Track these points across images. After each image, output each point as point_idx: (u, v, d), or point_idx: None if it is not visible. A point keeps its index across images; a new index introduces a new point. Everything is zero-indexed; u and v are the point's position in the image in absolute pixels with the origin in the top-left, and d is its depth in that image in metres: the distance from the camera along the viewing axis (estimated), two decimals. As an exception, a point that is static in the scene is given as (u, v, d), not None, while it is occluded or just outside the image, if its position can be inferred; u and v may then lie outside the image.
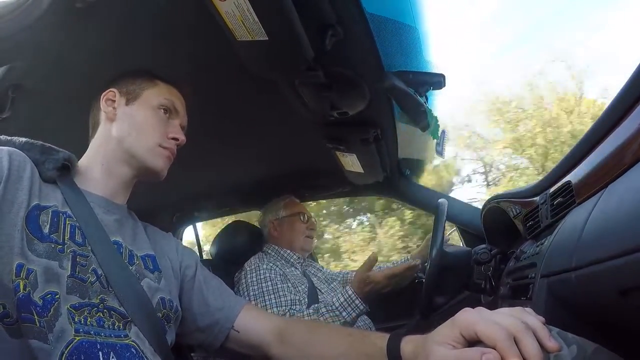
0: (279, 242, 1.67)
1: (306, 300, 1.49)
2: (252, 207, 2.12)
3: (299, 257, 1.64)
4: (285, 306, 1.41)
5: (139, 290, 0.74)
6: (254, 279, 1.49)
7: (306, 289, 1.54)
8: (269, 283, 1.48)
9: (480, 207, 1.49)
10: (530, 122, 11.68)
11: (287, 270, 1.57)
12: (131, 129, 0.85)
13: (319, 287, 1.62)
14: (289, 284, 1.50)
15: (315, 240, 1.80)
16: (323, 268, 1.84)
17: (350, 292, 1.34)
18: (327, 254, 10.80)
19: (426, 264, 1.34)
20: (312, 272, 1.73)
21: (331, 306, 1.35)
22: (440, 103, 1.25)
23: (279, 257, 1.64)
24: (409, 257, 1.79)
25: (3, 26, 0.85)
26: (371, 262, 1.38)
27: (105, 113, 0.87)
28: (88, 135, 0.90)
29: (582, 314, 0.62)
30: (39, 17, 0.83)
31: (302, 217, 1.70)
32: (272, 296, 1.44)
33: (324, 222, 11.06)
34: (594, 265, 0.51)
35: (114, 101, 0.87)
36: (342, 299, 1.34)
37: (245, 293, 1.48)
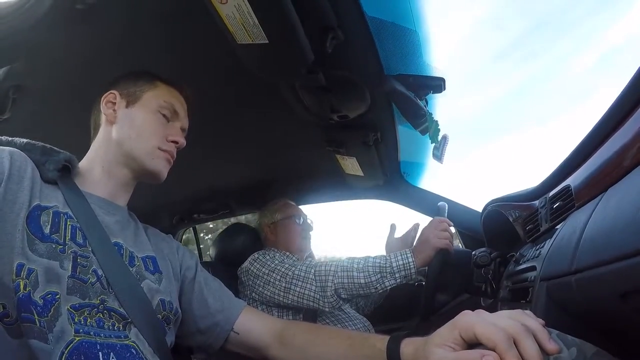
0: (276, 245, 1.66)
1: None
2: (252, 209, 2.12)
3: (297, 259, 1.64)
4: (308, 265, 1.39)
5: (139, 291, 0.74)
6: (264, 259, 1.49)
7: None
8: (280, 260, 1.49)
9: (479, 210, 1.49)
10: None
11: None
12: (131, 132, 0.85)
13: None
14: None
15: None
16: None
17: (410, 259, 1.28)
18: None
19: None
20: None
21: (383, 265, 1.28)
22: (441, 107, 1.25)
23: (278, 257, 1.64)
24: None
25: (4, 27, 0.85)
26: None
27: (105, 115, 0.87)
28: (89, 137, 0.90)
29: (582, 317, 0.62)
30: (40, 18, 0.83)
31: (297, 220, 1.69)
32: (287, 265, 1.43)
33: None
34: (594, 268, 0.51)
35: (115, 103, 0.87)
36: (400, 262, 1.28)
37: (255, 276, 1.46)
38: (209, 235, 5.10)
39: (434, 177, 1.82)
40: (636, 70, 0.59)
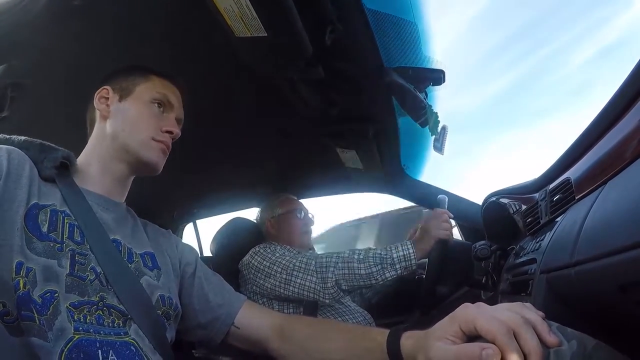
0: (278, 239, 1.66)
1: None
2: (252, 204, 2.12)
3: (299, 252, 1.64)
4: (309, 257, 1.40)
5: (138, 288, 0.74)
6: (265, 252, 1.50)
7: None
8: (281, 253, 1.49)
9: (480, 203, 1.49)
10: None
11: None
12: (124, 125, 0.84)
13: None
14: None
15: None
16: None
17: (411, 250, 1.29)
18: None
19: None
20: None
21: (384, 256, 1.29)
22: (441, 99, 1.25)
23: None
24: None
25: (1, 24, 0.84)
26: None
27: (99, 111, 0.86)
28: (87, 133, 0.90)
29: (582, 310, 0.62)
30: (36, 15, 0.83)
31: (298, 214, 1.69)
32: (288, 258, 1.44)
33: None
34: (594, 261, 0.50)
35: (108, 99, 0.86)
36: (401, 253, 1.29)
37: (256, 269, 1.47)
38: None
39: (435, 172, 1.82)
40: (636, 63, 0.58)
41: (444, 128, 1.28)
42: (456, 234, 1.76)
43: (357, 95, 1.16)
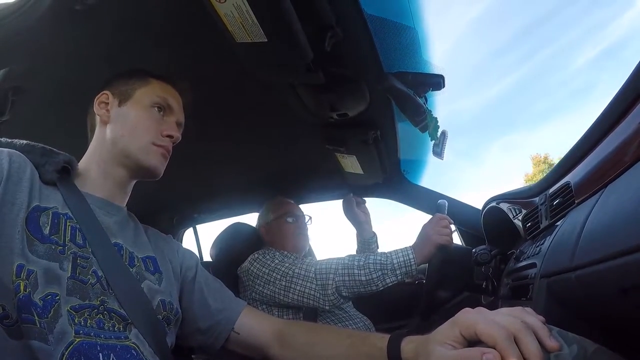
0: (273, 245, 1.65)
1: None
2: (252, 209, 2.12)
3: (296, 257, 1.63)
4: (309, 264, 1.39)
5: (139, 292, 0.74)
6: (264, 259, 1.49)
7: None
8: (280, 259, 1.48)
9: (479, 207, 1.49)
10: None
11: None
12: (124, 130, 0.84)
13: None
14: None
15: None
16: None
17: (411, 255, 1.28)
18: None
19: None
20: None
21: (384, 262, 1.29)
22: (441, 104, 1.25)
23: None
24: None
25: (3, 28, 0.85)
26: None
27: (99, 116, 0.86)
28: (88, 138, 0.90)
29: (582, 314, 0.62)
30: (38, 19, 0.83)
31: (289, 219, 1.67)
32: (288, 264, 1.43)
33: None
34: (594, 264, 0.51)
35: (107, 103, 0.86)
36: (401, 259, 1.29)
37: (255, 276, 1.46)
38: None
39: (435, 174, 1.82)
40: (635, 66, 0.59)
41: (443, 133, 1.28)
42: (456, 238, 1.76)
43: (357, 100, 1.17)
